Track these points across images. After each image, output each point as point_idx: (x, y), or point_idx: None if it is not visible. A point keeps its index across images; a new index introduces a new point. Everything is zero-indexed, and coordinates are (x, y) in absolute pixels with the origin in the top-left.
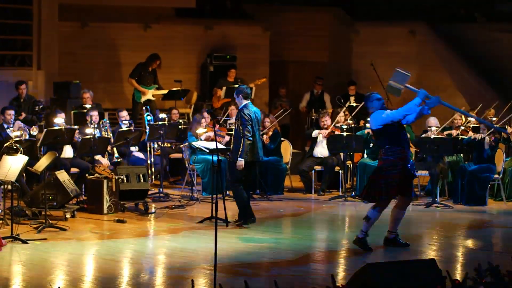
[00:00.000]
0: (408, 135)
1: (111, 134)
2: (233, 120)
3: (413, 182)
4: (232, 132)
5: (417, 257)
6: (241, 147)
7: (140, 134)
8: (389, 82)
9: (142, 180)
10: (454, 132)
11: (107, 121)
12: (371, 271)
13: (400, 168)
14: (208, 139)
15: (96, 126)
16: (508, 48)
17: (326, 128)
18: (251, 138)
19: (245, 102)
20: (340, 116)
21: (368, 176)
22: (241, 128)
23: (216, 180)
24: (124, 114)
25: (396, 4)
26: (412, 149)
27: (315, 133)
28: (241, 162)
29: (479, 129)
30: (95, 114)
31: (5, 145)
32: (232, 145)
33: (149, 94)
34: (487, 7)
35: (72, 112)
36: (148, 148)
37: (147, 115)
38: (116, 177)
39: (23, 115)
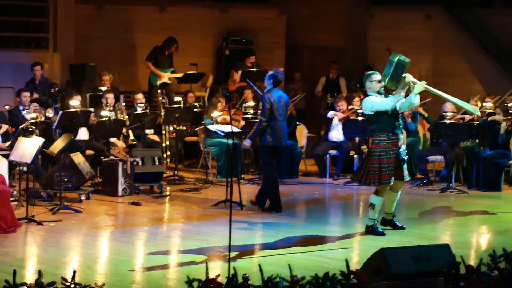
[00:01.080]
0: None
1: (127, 117)
2: (249, 104)
3: (405, 165)
4: (248, 116)
5: (431, 242)
6: (253, 128)
7: (155, 117)
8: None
9: (157, 163)
10: (467, 117)
11: (123, 104)
12: (385, 255)
13: (393, 153)
14: (223, 122)
15: (111, 108)
16: None
17: (342, 113)
18: (264, 123)
19: (273, 87)
20: (356, 101)
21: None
22: (259, 111)
23: (231, 164)
24: (140, 96)
25: None
26: (428, 134)
27: (330, 113)
28: (247, 144)
29: (495, 114)
30: (110, 96)
31: (20, 127)
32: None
33: (165, 77)
34: None
35: (88, 94)
36: (164, 132)
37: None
38: (131, 160)
39: (35, 95)
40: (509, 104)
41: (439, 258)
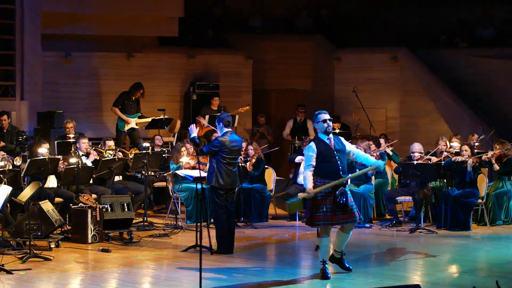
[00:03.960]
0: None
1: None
2: None
3: (353, 207)
4: None
5: (402, 283)
6: (197, 145)
7: (124, 163)
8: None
9: (126, 209)
10: (435, 159)
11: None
12: None
13: (329, 196)
14: (188, 167)
15: (84, 154)
16: (489, 72)
17: None
18: (200, 153)
19: (225, 130)
20: None
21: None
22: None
23: (200, 208)
24: (111, 143)
25: (377, 31)
26: (396, 175)
27: (298, 159)
28: (193, 131)
29: (460, 153)
30: (85, 141)
31: None
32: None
33: (133, 122)
34: (467, 33)
35: (56, 142)
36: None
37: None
38: (100, 207)
39: (2, 143)
40: (476, 144)
41: None
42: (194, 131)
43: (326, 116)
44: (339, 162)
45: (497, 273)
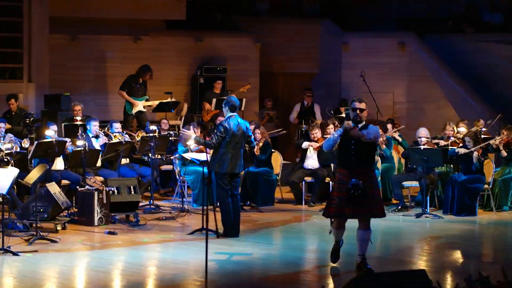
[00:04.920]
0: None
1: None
2: None
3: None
4: None
5: (407, 268)
6: (204, 142)
7: (131, 146)
8: None
9: (132, 192)
10: (443, 143)
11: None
12: (361, 282)
13: (344, 188)
14: (198, 150)
15: (100, 134)
16: (496, 58)
17: (316, 141)
18: (213, 146)
19: (230, 114)
20: (330, 128)
21: None
22: (213, 135)
23: (206, 192)
24: (118, 125)
25: (385, 15)
26: (403, 160)
27: (305, 144)
28: (190, 134)
29: (466, 144)
30: (96, 124)
31: None
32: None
33: (140, 105)
34: (475, 18)
35: (63, 124)
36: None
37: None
38: (107, 189)
39: (9, 126)
40: (483, 129)
41: (415, 284)
42: (191, 133)
43: (357, 105)
44: (352, 152)
45: (502, 259)
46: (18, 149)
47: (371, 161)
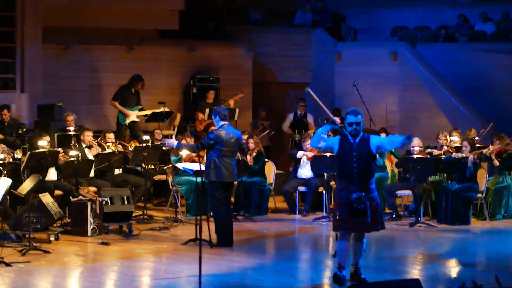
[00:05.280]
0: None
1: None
2: None
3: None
4: None
5: (401, 277)
6: (189, 146)
7: (124, 156)
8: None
9: (126, 202)
10: (436, 152)
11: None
12: None
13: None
14: (189, 159)
15: (87, 146)
16: (488, 67)
17: (310, 151)
18: (198, 150)
19: (222, 123)
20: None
21: None
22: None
23: (200, 202)
24: (111, 136)
25: (378, 25)
26: (395, 169)
27: (299, 154)
28: (171, 143)
29: (461, 148)
30: (89, 134)
31: None
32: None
33: (133, 115)
34: (467, 27)
35: (56, 134)
36: None
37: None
38: (100, 199)
39: (1, 136)
40: (475, 138)
41: None
42: (172, 141)
43: (353, 119)
44: (355, 164)
45: (496, 268)
46: (11, 160)
47: (372, 174)
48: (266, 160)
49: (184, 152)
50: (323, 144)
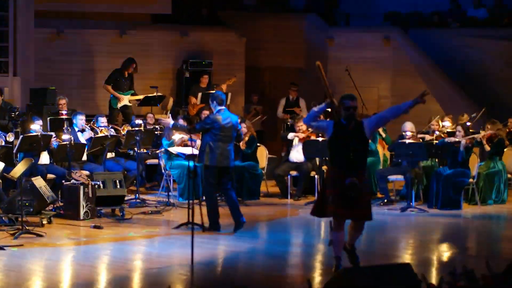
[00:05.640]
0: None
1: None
2: None
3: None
4: None
5: (392, 261)
6: (184, 126)
7: (116, 140)
8: None
9: (118, 186)
10: (428, 137)
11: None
12: (347, 275)
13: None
14: (181, 143)
15: (86, 128)
16: (481, 53)
17: (302, 132)
18: (192, 131)
19: (219, 108)
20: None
21: None
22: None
23: (192, 186)
24: (103, 120)
25: (370, 10)
26: (388, 154)
27: (291, 135)
28: (167, 122)
29: (454, 133)
30: (82, 118)
31: None
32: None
33: (125, 100)
34: (460, 13)
35: (48, 118)
36: None
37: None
38: (93, 183)
39: None
40: (468, 123)
41: (401, 278)
42: (168, 120)
43: (349, 104)
44: (351, 150)
45: (487, 253)
46: (3, 143)
47: (366, 161)
48: (258, 144)
49: (176, 136)
50: (315, 123)
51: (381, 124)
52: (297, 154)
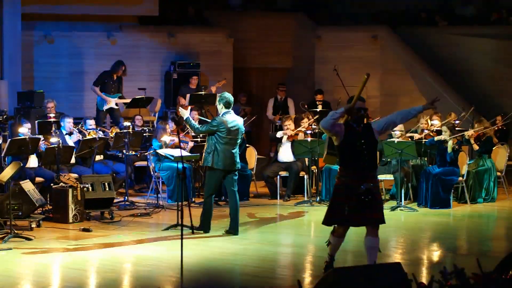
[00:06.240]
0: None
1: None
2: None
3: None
4: (197, 139)
5: (382, 261)
6: (193, 125)
7: (105, 143)
8: None
9: (107, 189)
10: (417, 136)
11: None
12: (337, 275)
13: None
14: (173, 145)
15: (74, 131)
16: (469, 51)
17: (292, 130)
18: (198, 131)
19: (225, 110)
20: (304, 122)
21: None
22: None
23: (181, 187)
24: (91, 122)
25: (358, 9)
26: (378, 153)
27: (279, 133)
28: (185, 113)
29: (441, 132)
30: (70, 121)
31: None
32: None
33: (112, 102)
34: (447, 11)
35: (36, 121)
36: None
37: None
38: (81, 186)
39: None
40: (456, 122)
41: (391, 277)
42: (186, 112)
43: (361, 105)
44: (364, 153)
45: (477, 251)
46: None
47: (376, 163)
48: (247, 145)
49: (167, 139)
50: (333, 128)
51: (390, 128)
52: (286, 154)
